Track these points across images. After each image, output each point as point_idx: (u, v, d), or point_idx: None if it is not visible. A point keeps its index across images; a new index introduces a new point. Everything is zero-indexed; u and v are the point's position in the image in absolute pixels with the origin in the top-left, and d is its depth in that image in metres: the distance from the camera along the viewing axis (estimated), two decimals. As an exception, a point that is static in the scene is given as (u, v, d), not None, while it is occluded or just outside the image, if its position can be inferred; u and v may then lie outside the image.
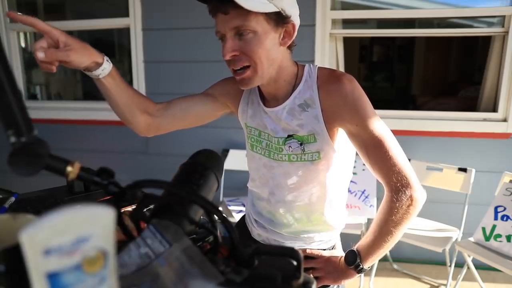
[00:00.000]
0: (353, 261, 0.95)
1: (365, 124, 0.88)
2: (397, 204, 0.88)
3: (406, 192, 0.88)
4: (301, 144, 0.95)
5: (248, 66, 0.88)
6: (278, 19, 0.86)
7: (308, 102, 0.93)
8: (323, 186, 0.98)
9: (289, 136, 0.96)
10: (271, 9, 0.83)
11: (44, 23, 0.77)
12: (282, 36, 0.90)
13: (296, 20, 0.91)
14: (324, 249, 1.06)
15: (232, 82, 1.02)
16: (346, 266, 0.97)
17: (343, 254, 1.00)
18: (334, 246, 1.09)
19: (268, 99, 1.01)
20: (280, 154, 0.98)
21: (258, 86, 1.01)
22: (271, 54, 0.88)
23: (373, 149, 0.89)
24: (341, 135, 0.94)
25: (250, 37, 0.85)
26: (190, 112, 1.08)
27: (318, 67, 0.96)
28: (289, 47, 0.94)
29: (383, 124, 0.91)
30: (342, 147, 0.96)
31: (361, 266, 0.95)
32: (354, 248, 0.97)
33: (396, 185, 0.88)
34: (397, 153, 0.89)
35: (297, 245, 1.04)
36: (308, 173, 0.97)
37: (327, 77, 0.93)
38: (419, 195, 0.88)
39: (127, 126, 1.06)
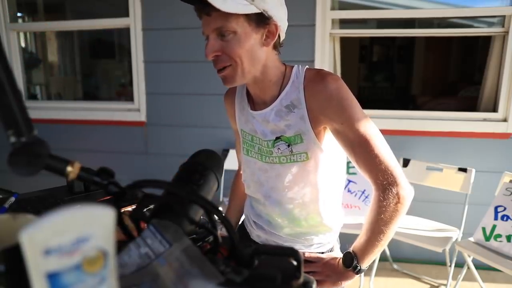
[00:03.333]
0: (351, 263, 0.95)
1: (351, 122, 0.88)
2: (385, 203, 0.88)
3: (393, 190, 0.88)
4: (288, 146, 0.96)
5: (229, 65, 0.90)
6: (259, 20, 0.87)
7: (295, 103, 0.94)
8: (314, 186, 0.98)
9: (277, 138, 0.97)
10: (252, 10, 0.84)
11: None
12: (264, 37, 0.90)
13: (281, 21, 0.91)
14: (323, 252, 1.06)
15: (226, 102, 1.11)
16: (344, 268, 0.97)
17: (341, 256, 1.00)
18: (332, 248, 1.09)
19: (257, 102, 1.01)
20: (271, 157, 0.99)
21: (247, 91, 1.02)
22: (253, 54, 0.89)
23: (358, 147, 0.89)
24: (329, 135, 0.94)
25: (231, 38, 0.86)
26: None
27: (307, 68, 0.96)
28: (276, 48, 0.94)
29: (370, 122, 0.91)
30: (331, 147, 0.96)
31: (359, 267, 0.95)
32: (350, 249, 0.97)
33: (383, 183, 0.88)
34: (384, 151, 0.89)
35: (296, 248, 1.04)
36: (298, 173, 0.97)
37: (312, 77, 0.93)
38: (405, 193, 0.88)
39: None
